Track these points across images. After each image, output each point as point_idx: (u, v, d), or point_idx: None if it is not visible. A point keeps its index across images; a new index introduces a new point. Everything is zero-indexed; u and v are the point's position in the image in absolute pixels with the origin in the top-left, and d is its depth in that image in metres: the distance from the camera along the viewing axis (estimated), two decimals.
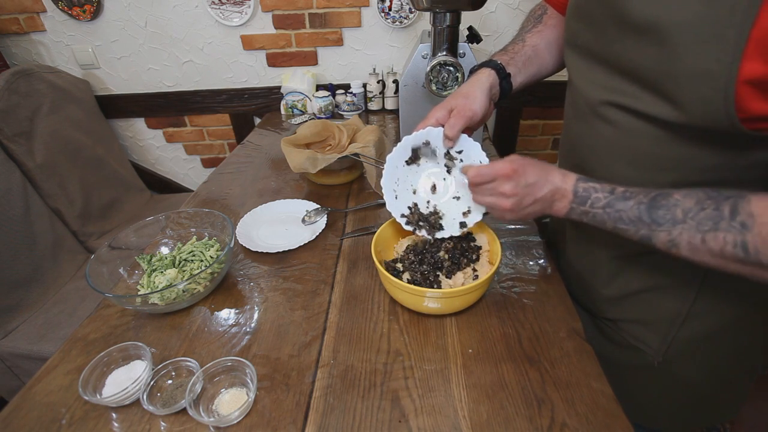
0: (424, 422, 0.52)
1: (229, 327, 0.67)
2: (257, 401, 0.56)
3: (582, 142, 0.61)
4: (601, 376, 0.57)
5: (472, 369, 0.58)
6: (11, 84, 1.30)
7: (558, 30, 0.72)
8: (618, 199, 0.49)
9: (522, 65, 0.69)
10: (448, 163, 0.66)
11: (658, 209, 0.47)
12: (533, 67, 0.71)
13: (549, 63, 0.73)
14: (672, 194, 0.46)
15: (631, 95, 0.50)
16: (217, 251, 0.77)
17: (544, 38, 0.72)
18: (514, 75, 0.68)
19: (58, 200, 1.39)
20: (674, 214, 0.45)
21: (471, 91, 0.63)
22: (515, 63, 0.69)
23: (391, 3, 1.47)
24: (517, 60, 0.69)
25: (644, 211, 0.47)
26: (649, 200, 0.47)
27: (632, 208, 0.48)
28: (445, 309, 0.64)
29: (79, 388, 0.54)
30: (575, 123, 0.62)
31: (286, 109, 1.61)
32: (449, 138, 0.62)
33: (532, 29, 0.73)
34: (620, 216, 0.49)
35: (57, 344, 1.06)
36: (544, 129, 1.77)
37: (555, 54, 0.72)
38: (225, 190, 1.08)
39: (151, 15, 1.52)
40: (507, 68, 0.67)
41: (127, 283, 0.75)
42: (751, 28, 0.37)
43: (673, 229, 0.46)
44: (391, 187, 0.67)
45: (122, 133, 1.81)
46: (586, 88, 0.57)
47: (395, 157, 0.66)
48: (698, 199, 0.44)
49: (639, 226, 0.48)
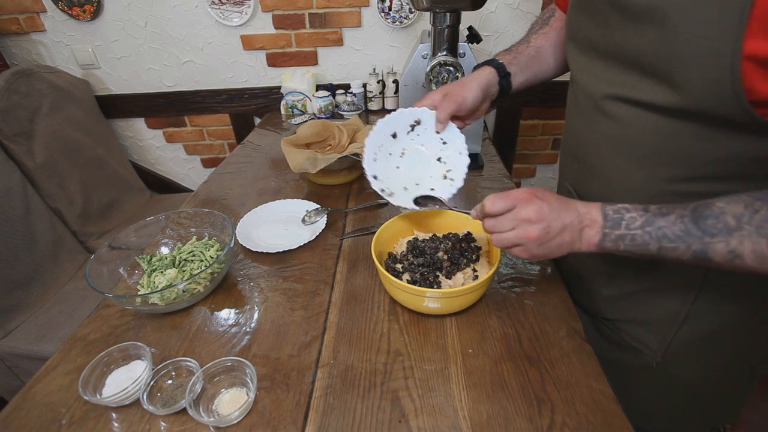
0: (424, 422, 0.52)
1: (229, 327, 0.67)
2: (257, 401, 0.56)
3: (584, 139, 0.61)
4: (601, 376, 0.57)
5: (472, 369, 0.58)
6: (11, 84, 1.30)
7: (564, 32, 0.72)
8: (656, 216, 0.45)
9: (524, 65, 0.70)
10: None
11: (706, 219, 0.42)
12: (535, 67, 0.71)
13: (552, 65, 0.73)
14: (714, 203, 0.43)
15: (631, 86, 0.49)
16: (217, 251, 0.77)
17: (549, 40, 0.72)
18: (514, 74, 0.69)
19: (58, 200, 1.39)
20: (726, 222, 0.41)
21: (467, 81, 0.66)
22: (517, 63, 0.70)
23: (391, 3, 1.47)
24: (520, 60, 0.70)
25: (690, 224, 0.43)
26: (691, 212, 0.44)
27: (675, 222, 0.44)
28: (445, 309, 0.64)
29: (79, 388, 0.54)
30: (577, 120, 0.62)
31: (286, 109, 1.61)
32: (439, 120, 0.65)
33: (539, 31, 0.73)
34: (664, 233, 0.44)
35: (57, 344, 1.06)
36: (544, 129, 1.77)
37: (559, 56, 0.73)
38: (225, 190, 1.08)
39: (151, 15, 1.52)
40: (508, 67, 0.68)
41: (127, 283, 0.75)
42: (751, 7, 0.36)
43: (730, 239, 0.41)
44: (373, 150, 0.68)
45: (122, 133, 1.81)
46: (588, 83, 0.57)
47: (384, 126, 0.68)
48: (745, 203, 0.41)
49: (689, 240, 0.43)
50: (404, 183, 0.70)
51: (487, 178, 1.07)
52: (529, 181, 1.93)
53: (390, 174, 0.70)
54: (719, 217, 0.42)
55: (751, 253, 0.41)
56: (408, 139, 0.70)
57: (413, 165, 0.71)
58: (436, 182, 0.70)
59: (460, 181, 0.68)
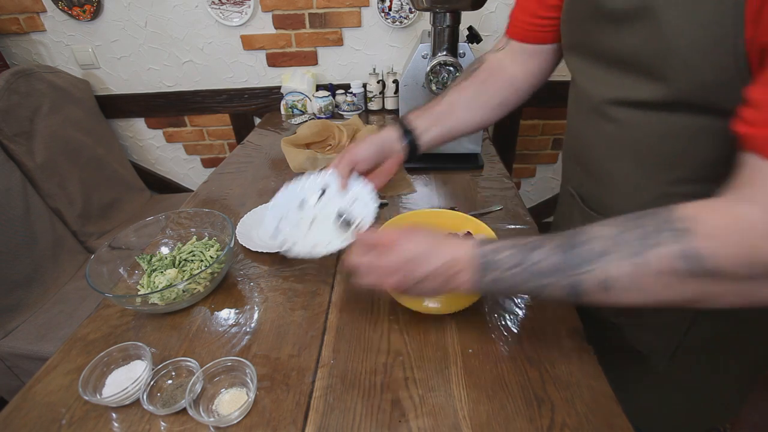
0: (424, 422, 0.52)
1: (229, 327, 0.67)
2: (257, 401, 0.56)
3: (586, 142, 0.61)
4: (601, 376, 0.57)
5: (472, 369, 0.58)
6: (11, 84, 1.30)
7: (488, 86, 0.70)
8: (528, 250, 0.42)
9: (433, 122, 0.70)
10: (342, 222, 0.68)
11: (576, 247, 0.39)
12: (448, 123, 0.70)
13: (467, 120, 0.71)
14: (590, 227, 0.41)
15: (629, 87, 0.49)
16: (217, 251, 0.77)
17: (464, 94, 0.71)
18: (423, 130, 0.69)
19: (58, 200, 1.39)
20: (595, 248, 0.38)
21: (365, 139, 0.69)
22: (424, 119, 0.70)
23: (391, 3, 1.47)
24: (428, 117, 0.70)
25: (562, 255, 0.40)
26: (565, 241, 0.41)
27: (549, 255, 0.41)
28: (445, 309, 0.64)
29: (79, 388, 0.54)
30: (579, 123, 0.62)
31: (286, 109, 1.61)
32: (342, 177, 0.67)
33: (458, 84, 0.72)
34: (539, 269, 0.41)
35: (57, 344, 1.06)
36: (544, 129, 1.77)
37: (475, 111, 0.70)
38: (225, 190, 1.08)
39: (151, 15, 1.52)
40: (413, 123, 0.69)
41: (127, 283, 0.75)
42: None
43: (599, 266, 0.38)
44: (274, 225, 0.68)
45: (122, 133, 1.81)
46: (589, 87, 0.57)
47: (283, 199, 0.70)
48: (616, 223, 0.39)
49: (561, 275, 0.40)
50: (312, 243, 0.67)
51: (486, 178, 1.07)
52: (529, 181, 1.93)
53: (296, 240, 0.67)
54: (590, 243, 0.39)
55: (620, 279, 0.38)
56: (319, 207, 0.70)
57: (323, 229, 0.69)
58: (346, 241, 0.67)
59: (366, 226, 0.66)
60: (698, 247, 0.35)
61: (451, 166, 1.11)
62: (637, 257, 0.37)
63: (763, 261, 0.34)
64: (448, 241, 0.48)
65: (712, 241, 0.35)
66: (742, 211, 0.35)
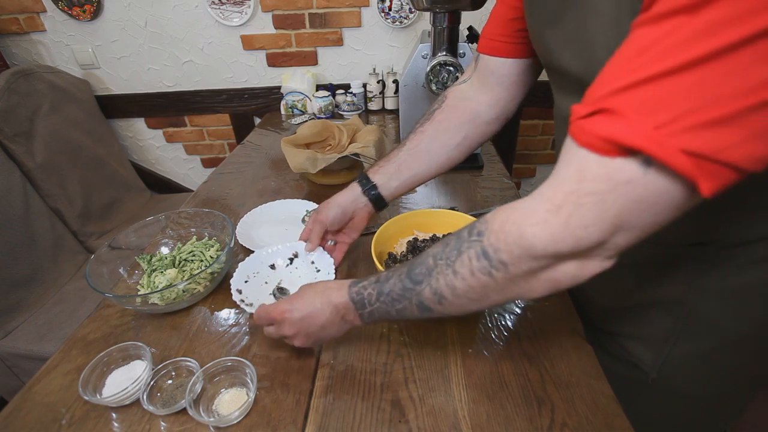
0: (424, 422, 0.52)
1: (229, 327, 0.67)
2: (257, 401, 0.56)
3: None
4: (601, 376, 0.57)
5: (472, 369, 0.58)
6: (11, 84, 1.30)
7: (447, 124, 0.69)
8: (382, 283, 0.48)
9: (394, 172, 0.70)
10: None
11: (413, 270, 0.44)
12: (410, 171, 0.70)
13: (431, 164, 0.70)
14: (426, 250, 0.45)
15: None
16: (217, 251, 0.77)
17: (424, 138, 0.70)
18: (384, 182, 0.70)
19: (58, 200, 1.39)
20: (427, 264, 0.43)
21: (332, 200, 0.71)
22: (385, 171, 0.70)
23: (391, 3, 1.47)
24: (388, 168, 0.70)
25: (405, 278, 0.45)
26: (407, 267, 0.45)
27: (396, 283, 0.46)
28: None
29: (79, 388, 0.54)
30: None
31: (286, 109, 1.61)
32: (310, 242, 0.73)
33: (418, 129, 0.71)
34: (391, 297, 0.46)
35: (57, 344, 1.06)
36: (544, 129, 1.77)
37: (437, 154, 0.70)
38: (225, 190, 1.08)
39: (151, 15, 1.52)
40: (374, 178, 0.70)
41: (127, 283, 0.75)
42: None
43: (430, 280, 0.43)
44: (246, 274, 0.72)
45: (122, 133, 1.81)
46: (561, 101, 0.56)
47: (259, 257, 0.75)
48: (444, 240, 0.43)
49: (407, 296, 0.45)
50: None
51: (486, 178, 1.07)
52: (529, 181, 1.93)
53: (260, 297, 0.70)
54: (424, 263, 0.43)
55: (446, 287, 0.42)
56: (287, 272, 0.75)
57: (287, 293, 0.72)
58: None
59: None
60: (486, 245, 0.38)
61: None
62: (451, 266, 0.41)
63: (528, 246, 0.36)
64: (332, 289, 0.53)
65: (495, 237, 0.38)
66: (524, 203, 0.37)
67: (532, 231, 0.35)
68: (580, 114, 0.33)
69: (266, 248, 0.76)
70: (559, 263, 0.37)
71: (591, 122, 0.32)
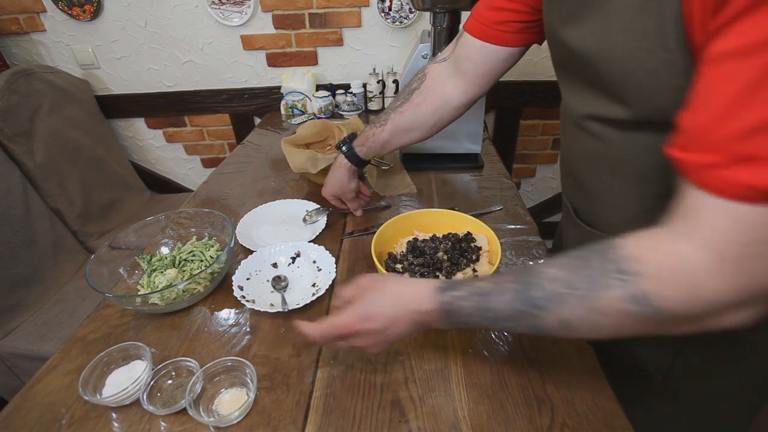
0: (424, 422, 0.52)
1: (229, 327, 0.67)
2: (257, 401, 0.56)
3: (572, 154, 0.61)
4: (600, 375, 0.57)
5: (472, 369, 0.58)
6: (11, 84, 1.30)
7: (423, 108, 0.76)
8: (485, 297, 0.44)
9: (379, 149, 0.82)
10: None
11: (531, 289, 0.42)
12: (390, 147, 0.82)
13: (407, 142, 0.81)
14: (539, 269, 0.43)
15: (601, 105, 0.49)
16: (217, 251, 0.77)
17: (403, 119, 0.78)
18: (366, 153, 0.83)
19: (58, 200, 1.39)
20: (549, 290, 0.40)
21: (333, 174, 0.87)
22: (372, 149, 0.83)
23: (391, 3, 1.47)
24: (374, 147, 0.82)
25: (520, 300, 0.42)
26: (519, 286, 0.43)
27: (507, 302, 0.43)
28: None
29: (79, 388, 0.54)
30: (565, 134, 0.62)
31: (286, 109, 1.61)
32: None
33: (399, 109, 0.78)
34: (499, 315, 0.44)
35: (57, 344, 1.06)
36: (544, 129, 1.77)
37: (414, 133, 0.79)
38: (225, 190, 1.08)
39: (151, 15, 1.52)
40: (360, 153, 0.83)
41: (127, 283, 0.75)
42: None
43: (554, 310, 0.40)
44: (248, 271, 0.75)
45: (122, 133, 1.81)
46: (570, 101, 0.57)
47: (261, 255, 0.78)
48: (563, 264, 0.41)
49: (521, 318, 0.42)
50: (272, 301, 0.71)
51: (486, 178, 1.07)
52: (529, 181, 1.93)
53: (261, 294, 0.72)
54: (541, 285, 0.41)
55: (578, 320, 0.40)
56: (289, 271, 0.77)
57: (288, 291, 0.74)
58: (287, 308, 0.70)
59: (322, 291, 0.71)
60: (645, 290, 0.36)
61: (451, 166, 1.11)
62: (589, 301, 0.38)
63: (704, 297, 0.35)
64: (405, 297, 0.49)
65: (658, 283, 0.36)
66: (681, 249, 0.35)
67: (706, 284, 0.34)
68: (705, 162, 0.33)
69: (269, 247, 0.77)
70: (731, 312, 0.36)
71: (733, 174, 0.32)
